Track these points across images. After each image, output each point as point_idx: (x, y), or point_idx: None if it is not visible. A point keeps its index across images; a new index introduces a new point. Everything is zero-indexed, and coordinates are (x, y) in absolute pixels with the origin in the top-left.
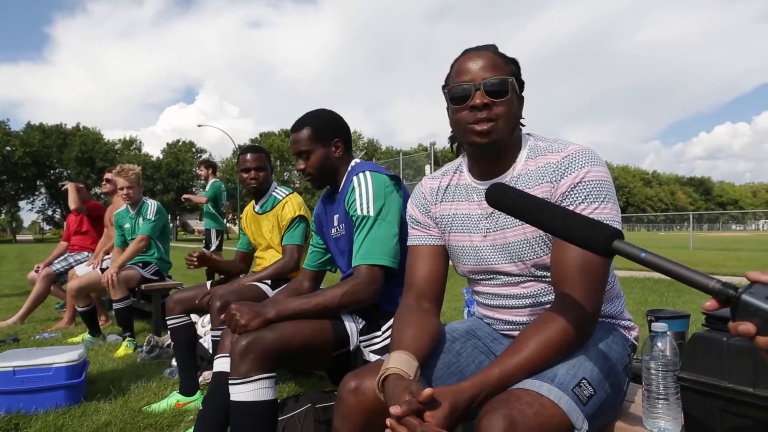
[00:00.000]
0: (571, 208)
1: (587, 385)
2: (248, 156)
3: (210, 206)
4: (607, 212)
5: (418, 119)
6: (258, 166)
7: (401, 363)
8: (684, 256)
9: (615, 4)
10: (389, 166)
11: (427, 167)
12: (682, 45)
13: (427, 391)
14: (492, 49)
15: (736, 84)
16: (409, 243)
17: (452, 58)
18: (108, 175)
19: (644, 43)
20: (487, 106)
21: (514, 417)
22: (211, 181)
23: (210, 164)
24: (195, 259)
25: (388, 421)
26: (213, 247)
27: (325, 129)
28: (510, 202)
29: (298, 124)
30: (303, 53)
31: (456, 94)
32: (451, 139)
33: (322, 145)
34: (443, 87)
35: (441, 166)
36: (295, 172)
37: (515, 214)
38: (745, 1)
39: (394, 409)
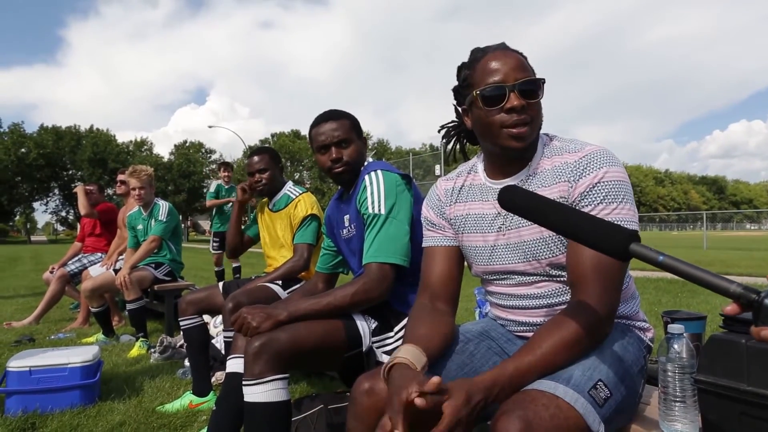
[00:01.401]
0: (589, 208)
1: (603, 387)
2: (253, 159)
3: (224, 208)
4: (625, 213)
5: (428, 119)
6: (260, 168)
7: (410, 354)
8: (698, 255)
9: (625, 2)
10: (399, 166)
11: (437, 167)
12: (694, 43)
13: (435, 379)
14: (509, 48)
15: (750, 81)
16: (424, 244)
17: (461, 58)
18: (122, 177)
19: (655, 41)
20: (524, 108)
21: (530, 419)
22: (233, 184)
23: (232, 167)
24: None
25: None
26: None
27: (359, 124)
28: (523, 203)
29: (335, 114)
30: (313, 54)
31: (489, 95)
32: (452, 138)
33: (358, 138)
34: (460, 87)
35: (450, 166)
36: (307, 172)
37: (528, 216)
38: None
39: (420, 401)
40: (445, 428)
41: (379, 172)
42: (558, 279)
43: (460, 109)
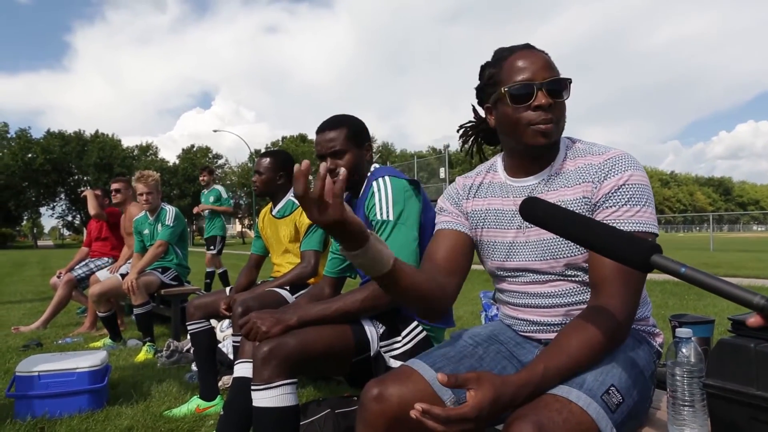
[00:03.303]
0: (612, 209)
1: (616, 393)
2: (258, 160)
3: (211, 212)
4: (647, 216)
5: (432, 122)
6: (259, 171)
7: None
8: (704, 257)
9: (630, 2)
10: (404, 169)
11: (441, 170)
12: (701, 43)
13: (440, 376)
14: (535, 47)
15: (757, 82)
16: (436, 229)
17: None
18: (115, 186)
19: (660, 42)
20: (551, 106)
21: (543, 424)
22: (215, 186)
23: (212, 170)
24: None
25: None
26: (215, 251)
27: (360, 132)
28: (544, 215)
29: (333, 123)
30: (318, 58)
31: (517, 93)
32: (470, 137)
33: (356, 147)
34: (485, 86)
35: (455, 169)
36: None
37: (549, 227)
38: None
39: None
40: (463, 418)
41: (386, 178)
42: (573, 279)
43: (482, 108)
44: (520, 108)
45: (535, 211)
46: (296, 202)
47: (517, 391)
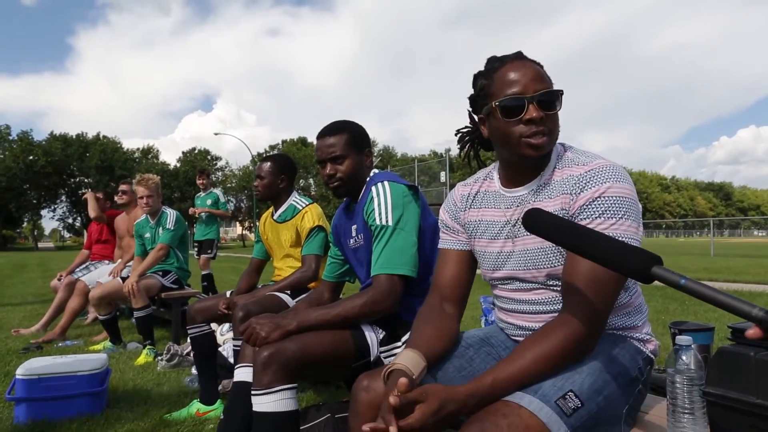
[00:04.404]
0: (586, 222)
1: (573, 398)
2: (259, 164)
3: (209, 215)
4: (624, 229)
5: (434, 126)
6: (259, 175)
7: (408, 360)
8: (705, 263)
9: (632, 7)
10: (404, 173)
11: (443, 174)
12: (702, 47)
13: (402, 380)
14: (526, 57)
15: (758, 86)
16: (439, 246)
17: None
18: (124, 187)
19: (663, 45)
20: (543, 119)
21: (486, 429)
22: (213, 190)
23: (209, 173)
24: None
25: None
26: (212, 254)
27: (361, 137)
28: (545, 226)
29: (334, 128)
30: (320, 61)
31: (508, 106)
32: (467, 143)
33: (356, 153)
34: (477, 97)
35: (456, 173)
36: (313, 179)
37: (550, 238)
38: (766, 2)
39: (393, 400)
40: (408, 429)
41: (386, 183)
42: (554, 288)
43: (476, 117)
44: (511, 122)
45: (537, 222)
46: (298, 206)
47: (463, 401)
